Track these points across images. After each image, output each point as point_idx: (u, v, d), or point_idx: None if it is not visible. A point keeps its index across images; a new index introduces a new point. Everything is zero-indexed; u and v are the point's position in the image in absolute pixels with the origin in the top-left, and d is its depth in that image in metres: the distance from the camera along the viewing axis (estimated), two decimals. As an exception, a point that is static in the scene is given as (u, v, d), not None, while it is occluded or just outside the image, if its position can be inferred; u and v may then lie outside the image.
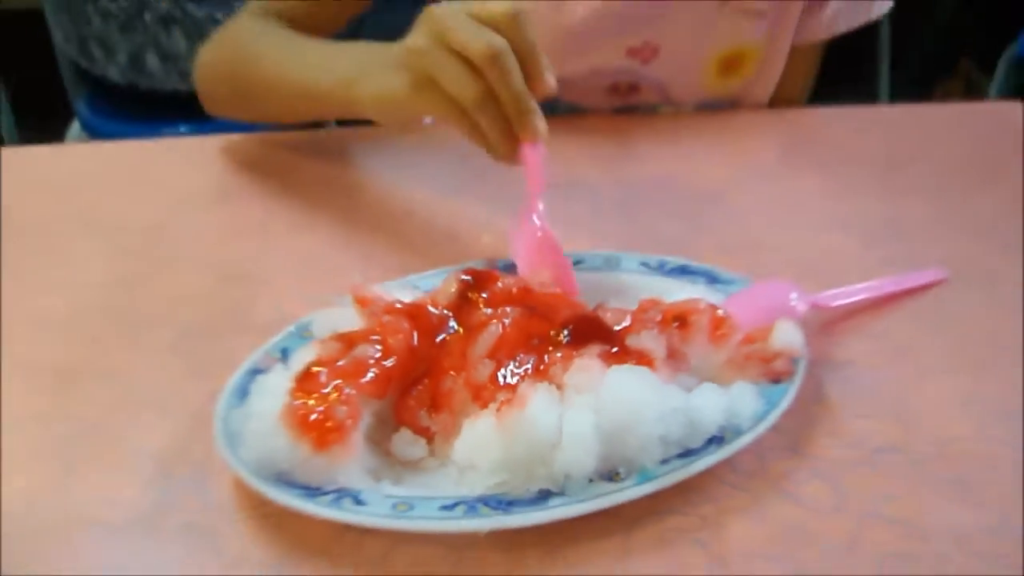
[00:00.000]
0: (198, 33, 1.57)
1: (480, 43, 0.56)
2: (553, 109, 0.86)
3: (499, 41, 0.56)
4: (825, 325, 0.58)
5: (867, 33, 2.44)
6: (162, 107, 1.62)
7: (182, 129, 1.49)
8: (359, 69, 0.66)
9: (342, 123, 0.92)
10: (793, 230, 0.69)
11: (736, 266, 0.60)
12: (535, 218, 0.59)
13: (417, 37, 0.59)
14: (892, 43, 2.54)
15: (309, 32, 0.81)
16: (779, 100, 0.92)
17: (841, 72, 1.03)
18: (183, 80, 1.62)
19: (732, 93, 0.90)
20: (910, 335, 0.58)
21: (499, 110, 0.58)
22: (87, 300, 0.65)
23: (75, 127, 1.77)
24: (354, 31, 0.85)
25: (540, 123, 0.58)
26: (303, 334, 0.55)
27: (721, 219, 0.71)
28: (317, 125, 0.96)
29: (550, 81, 0.58)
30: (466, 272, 0.53)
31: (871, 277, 0.61)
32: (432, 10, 0.59)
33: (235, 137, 0.87)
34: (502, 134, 0.58)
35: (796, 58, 0.90)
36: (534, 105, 0.58)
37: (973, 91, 2.33)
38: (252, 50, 0.81)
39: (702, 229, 0.69)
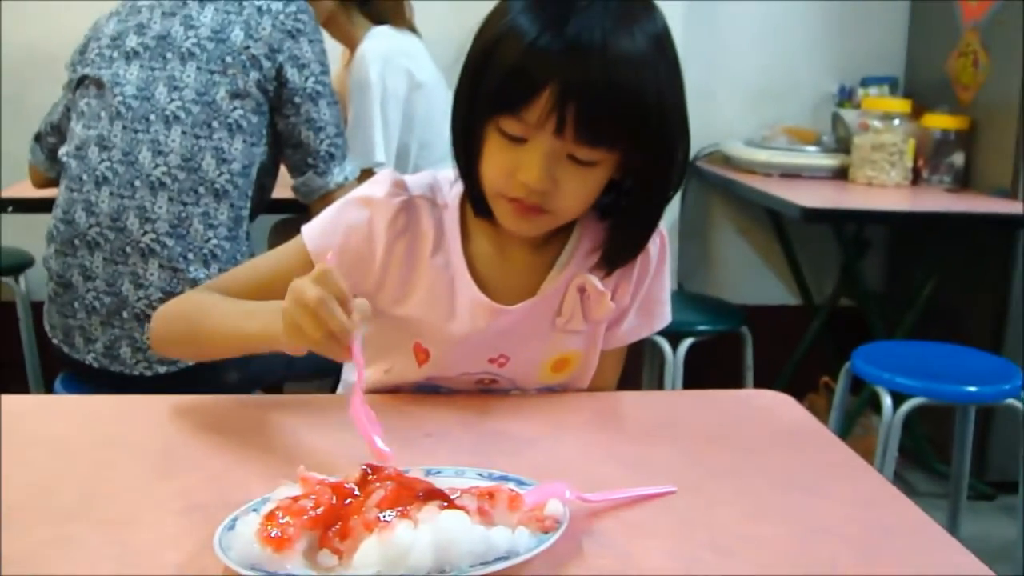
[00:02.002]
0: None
1: (312, 294, 0.97)
2: (438, 390, 1.27)
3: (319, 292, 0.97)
4: (590, 511, 0.94)
5: (735, 352, 2.95)
6: (129, 386, 1.97)
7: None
8: (272, 318, 1.04)
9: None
10: (582, 460, 1.07)
11: (540, 477, 0.97)
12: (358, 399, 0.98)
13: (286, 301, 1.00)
14: (768, 364, 3.06)
15: None
16: (594, 387, 1.33)
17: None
18: (149, 367, 1.97)
19: (561, 383, 1.31)
20: (641, 515, 0.95)
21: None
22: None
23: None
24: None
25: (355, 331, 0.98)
26: (264, 501, 0.90)
27: (539, 453, 1.09)
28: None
29: (360, 310, 0.99)
30: (366, 464, 0.90)
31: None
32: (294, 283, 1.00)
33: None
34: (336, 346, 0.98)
35: (605, 359, 1.32)
36: (348, 323, 0.97)
37: (832, 402, 2.75)
38: (201, 303, 1.21)
39: (523, 458, 1.07)
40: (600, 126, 1.07)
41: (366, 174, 2.21)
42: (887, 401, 2.35)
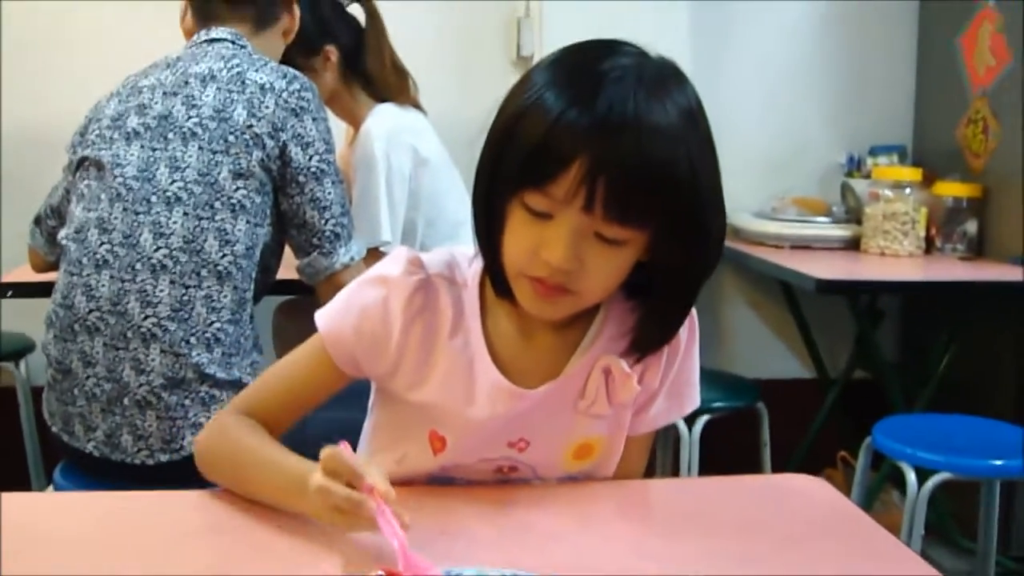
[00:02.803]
0: (168, 416, 1.88)
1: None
2: (453, 481, 1.20)
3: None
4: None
5: (751, 428, 2.89)
6: (130, 475, 1.90)
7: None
8: (299, 484, 1.03)
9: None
10: (609, 556, 1.01)
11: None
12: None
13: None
14: (784, 439, 2.99)
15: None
16: (620, 475, 1.26)
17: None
18: (151, 455, 1.91)
19: (585, 471, 1.24)
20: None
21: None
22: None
23: (50, 490, 2.03)
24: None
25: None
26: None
27: (563, 549, 1.02)
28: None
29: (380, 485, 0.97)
30: (382, 569, 0.83)
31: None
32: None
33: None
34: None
35: (631, 445, 1.25)
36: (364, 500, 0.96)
37: (851, 476, 2.67)
38: (241, 448, 1.17)
39: (547, 555, 1.00)
40: (631, 201, 1.02)
41: (372, 254, 2.16)
42: (911, 477, 2.28)
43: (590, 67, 1.04)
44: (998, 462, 2.29)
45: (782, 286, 3.43)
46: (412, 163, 2.51)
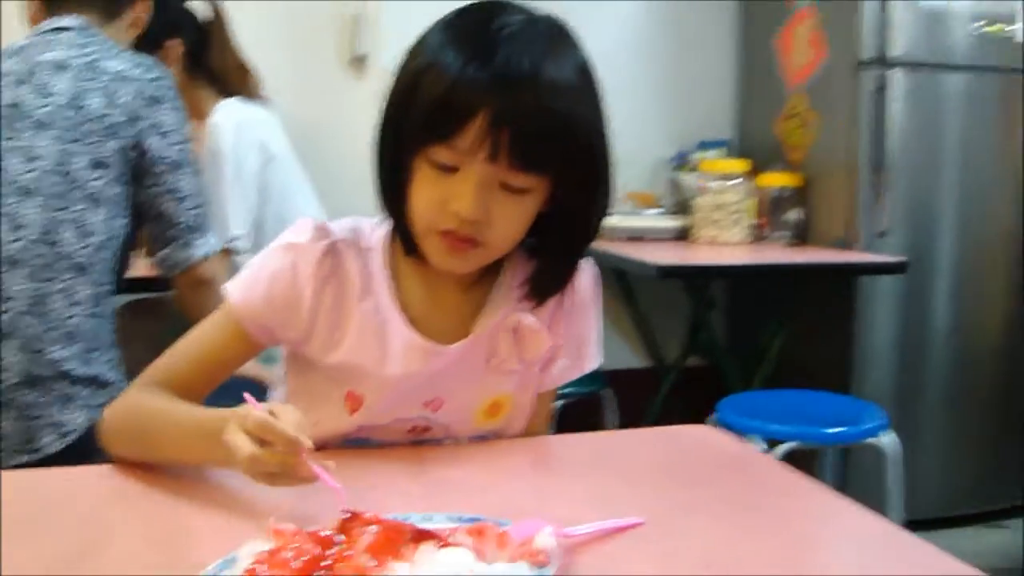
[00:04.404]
0: (25, 416, 1.79)
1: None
2: (367, 443, 1.21)
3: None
4: (567, 546, 0.91)
5: (598, 414, 2.95)
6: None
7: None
8: (214, 434, 1.00)
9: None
10: (538, 501, 1.03)
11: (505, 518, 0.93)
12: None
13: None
14: (630, 425, 3.07)
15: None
16: (528, 433, 1.29)
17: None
18: (10, 457, 1.81)
19: (494, 429, 1.26)
20: (615, 547, 0.92)
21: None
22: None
23: None
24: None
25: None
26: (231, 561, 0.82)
27: (493, 497, 1.04)
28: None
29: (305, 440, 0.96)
30: (344, 510, 0.84)
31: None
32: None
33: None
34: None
35: (537, 403, 1.28)
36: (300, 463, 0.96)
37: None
38: (150, 413, 1.14)
39: (479, 503, 1.02)
40: (534, 150, 1.06)
41: (222, 251, 2.12)
42: (763, 447, 2.39)
43: (484, 25, 1.09)
44: (840, 429, 2.44)
45: (617, 277, 3.53)
46: (261, 158, 2.48)
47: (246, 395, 1.01)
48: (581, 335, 1.29)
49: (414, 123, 1.08)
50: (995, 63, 3.12)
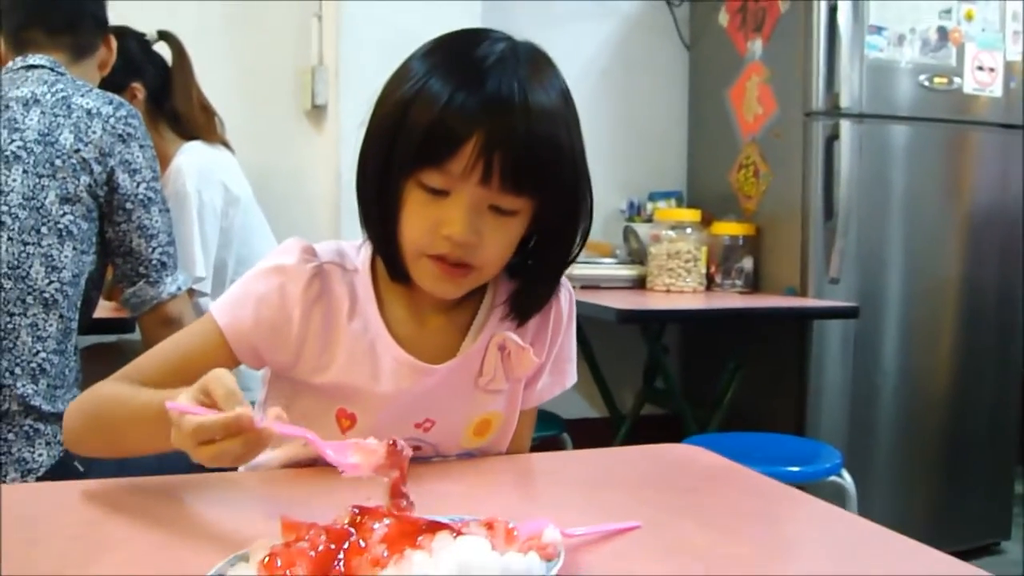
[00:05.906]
0: None
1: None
2: (356, 462, 1.21)
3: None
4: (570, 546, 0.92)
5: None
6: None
7: None
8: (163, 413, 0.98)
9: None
10: (536, 511, 1.04)
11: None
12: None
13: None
14: None
15: None
16: (511, 450, 1.31)
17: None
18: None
19: (482, 447, 1.28)
20: (616, 547, 0.93)
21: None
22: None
23: None
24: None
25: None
26: (241, 557, 0.82)
27: (489, 507, 1.05)
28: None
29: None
30: (354, 505, 0.84)
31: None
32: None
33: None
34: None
35: (520, 420, 1.31)
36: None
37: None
38: (112, 398, 1.13)
39: (477, 511, 1.03)
40: (525, 172, 1.09)
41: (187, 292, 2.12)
42: (725, 486, 2.42)
43: (468, 52, 1.12)
44: (797, 468, 2.47)
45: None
46: (223, 200, 2.49)
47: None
48: (561, 352, 1.32)
49: (404, 149, 1.09)
50: (941, 114, 3.23)
